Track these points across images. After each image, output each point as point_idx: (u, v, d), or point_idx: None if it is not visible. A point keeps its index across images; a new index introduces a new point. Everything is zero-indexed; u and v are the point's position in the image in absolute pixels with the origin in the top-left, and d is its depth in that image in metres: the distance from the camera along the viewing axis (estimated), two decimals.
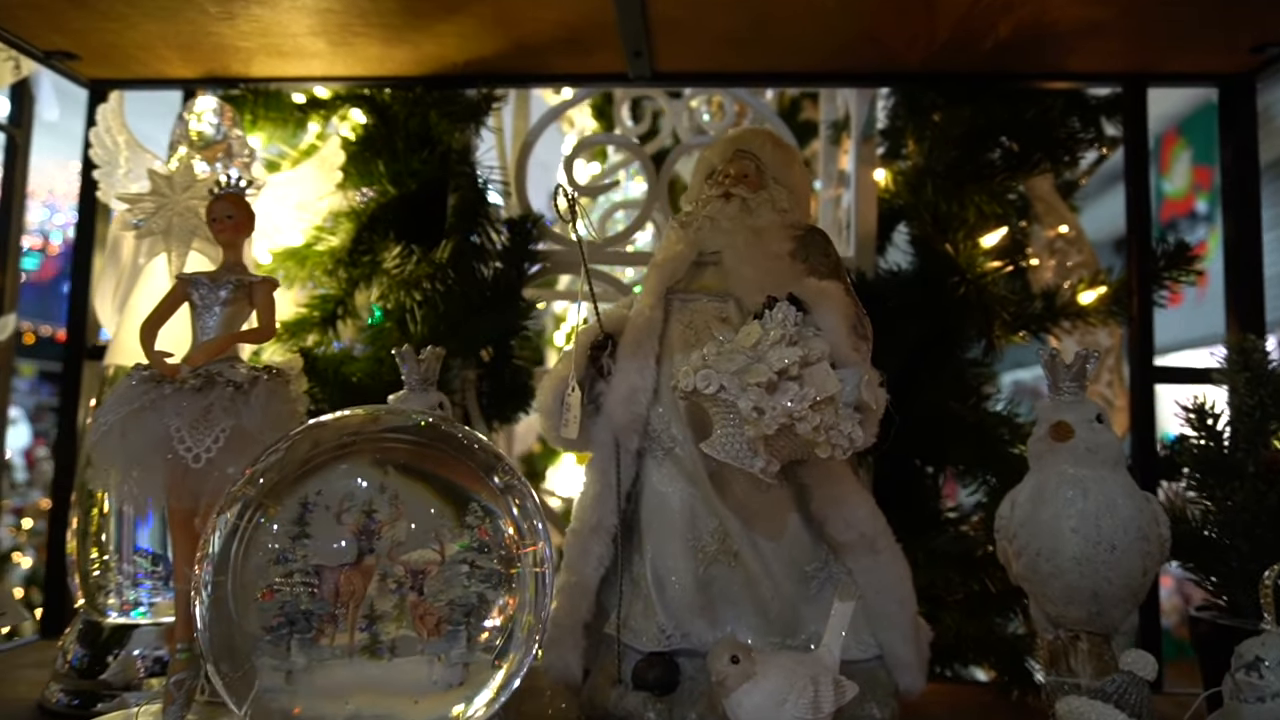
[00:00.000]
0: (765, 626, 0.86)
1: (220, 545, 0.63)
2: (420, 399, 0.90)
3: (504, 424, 1.31)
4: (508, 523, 0.66)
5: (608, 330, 0.89)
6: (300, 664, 0.63)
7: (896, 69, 1.19)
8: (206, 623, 0.62)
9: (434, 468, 0.67)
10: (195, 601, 0.63)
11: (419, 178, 1.26)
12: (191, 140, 1.03)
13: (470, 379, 1.26)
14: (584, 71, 1.17)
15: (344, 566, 0.64)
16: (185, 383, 0.75)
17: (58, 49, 1.15)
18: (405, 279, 1.17)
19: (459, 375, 1.24)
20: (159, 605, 0.95)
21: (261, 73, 1.20)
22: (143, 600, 0.93)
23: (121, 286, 1.00)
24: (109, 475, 0.75)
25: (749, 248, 0.84)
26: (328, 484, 0.65)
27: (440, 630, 0.65)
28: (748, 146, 0.91)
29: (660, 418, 0.87)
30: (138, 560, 0.91)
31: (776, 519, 0.86)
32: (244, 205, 0.84)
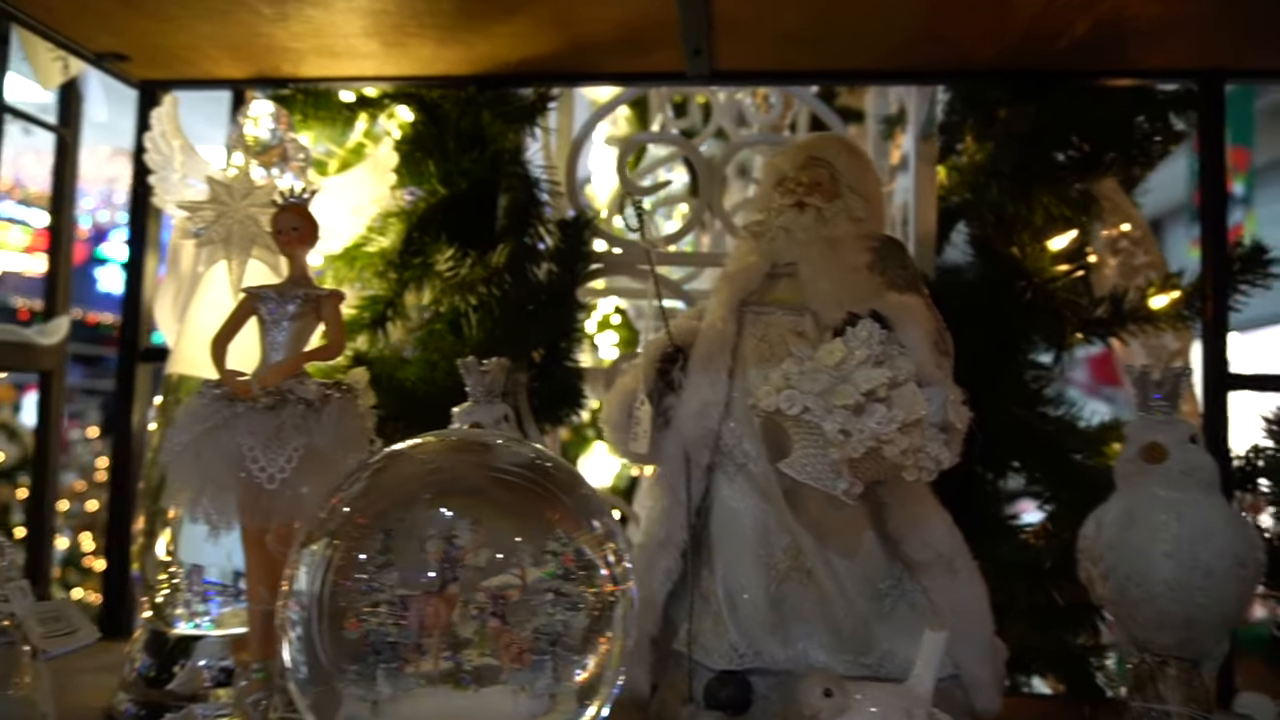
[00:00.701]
0: (838, 645, 0.84)
1: (307, 578, 0.62)
2: (485, 411, 0.89)
3: (555, 426, 1.30)
4: (595, 552, 0.64)
5: (677, 342, 0.87)
6: (386, 694, 0.62)
7: (961, 66, 1.15)
8: (297, 661, 0.61)
9: (516, 494, 0.66)
10: (284, 640, 0.62)
11: (469, 178, 1.25)
12: (247, 145, 1.02)
13: (522, 381, 1.25)
14: (641, 70, 1.14)
15: (428, 595, 0.63)
16: (257, 401, 0.74)
17: (109, 50, 1.13)
18: (460, 282, 1.15)
19: (511, 378, 1.23)
20: (223, 616, 0.95)
21: (312, 73, 1.18)
22: (211, 612, 0.92)
23: (181, 295, 1.00)
24: (182, 494, 0.75)
25: (825, 260, 0.82)
26: (410, 512, 0.64)
27: (525, 660, 0.64)
28: (821, 153, 0.88)
29: (732, 432, 0.85)
30: (208, 581, 0.91)
31: (851, 536, 0.84)
32: (309, 216, 0.83)
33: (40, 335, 1.24)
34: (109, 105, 1.45)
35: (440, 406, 1.12)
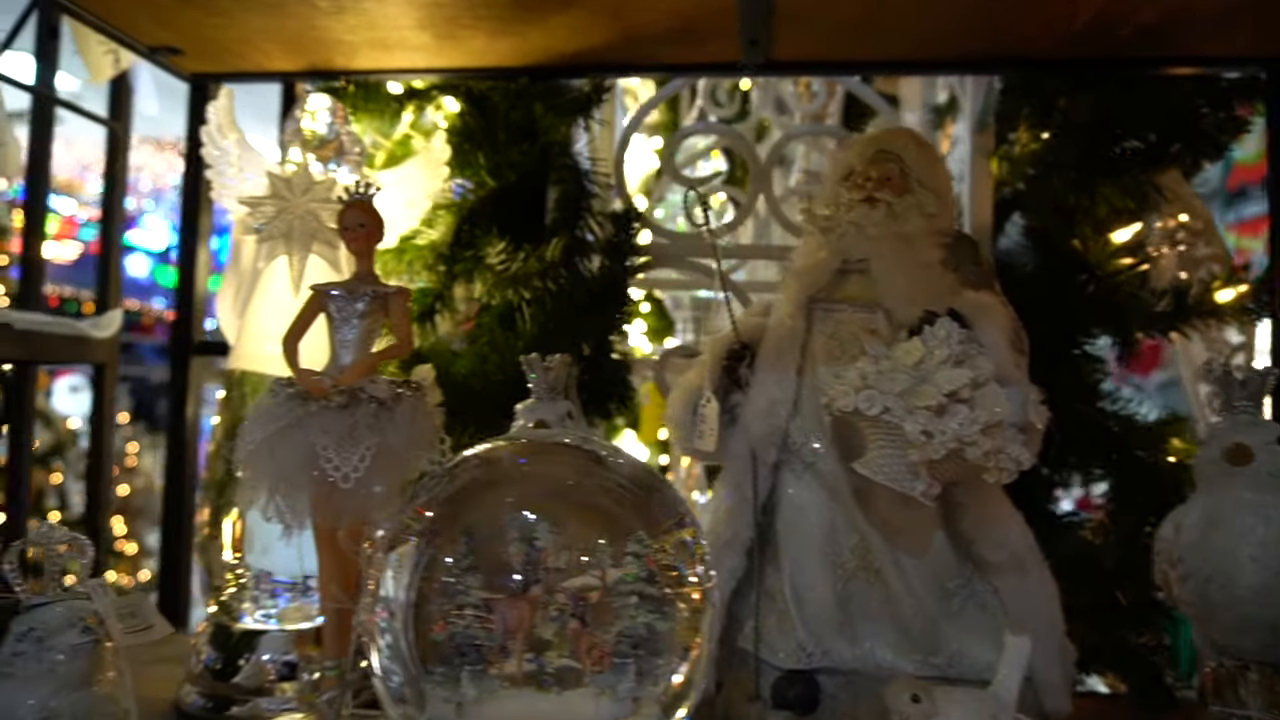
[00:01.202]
0: (905, 645, 0.84)
1: (394, 583, 0.62)
2: (549, 408, 0.88)
3: (604, 420, 1.29)
4: (679, 555, 0.64)
5: (744, 339, 0.86)
6: (470, 695, 0.62)
7: (1022, 54, 1.13)
8: (389, 670, 0.61)
9: (597, 495, 0.66)
10: (372, 647, 0.62)
11: (517, 170, 1.24)
12: (305, 139, 1.01)
13: (573, 375, 1.24)
14: (694, 61, 1.13)
15: (511, 597, 0.63)
16: (331, 400, 0.74)
17: (163, 44, 1.13)
18: (514, 275, 1.15)
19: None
20: (286, 611, 0.96)
21: (363, 65, 1.18)
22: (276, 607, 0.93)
23: (242, 290, 1.00)
24: (255, 493, 0.75)
25: (898, 256, 0.81)
26: (491, 514, 0.64)
27: (607, 663, 0.63)
28: (890, 147, 0.87)
29: (800, 430, 0.84)
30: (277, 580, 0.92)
31: (920, 535, 0.83)
32: (375, 213, 0.83)
33: (94, 328, 1.25)
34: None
35: (492, 400, 1.12)
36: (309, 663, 0.95)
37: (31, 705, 0.64)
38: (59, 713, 0.65)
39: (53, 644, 0.66)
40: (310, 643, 0.95)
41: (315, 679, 0.94)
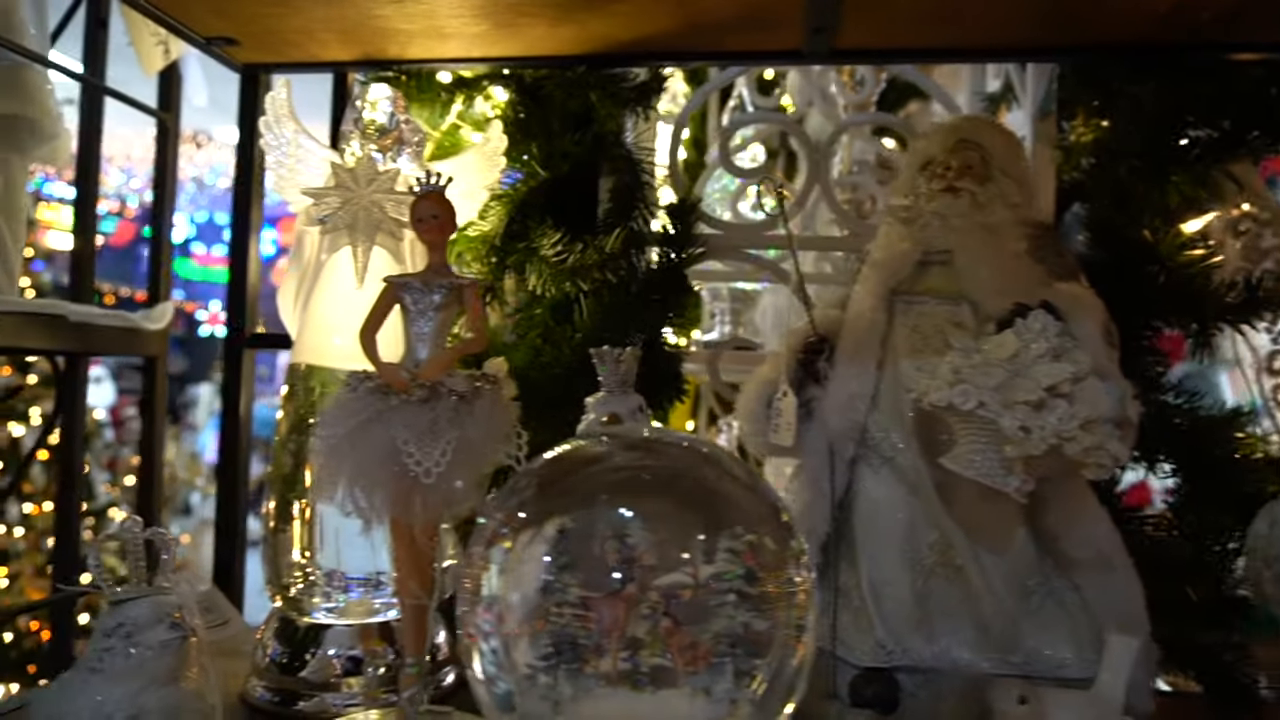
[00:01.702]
0: (984, 643, 0.82)
1: (499, 582, 0.61)
2: (621, 402, 0.87)
3: (657, 412, 1.28)
4: (778, 552, 0.63)
5: (821, 332, 0.84)
6: (567, 694, 0.61)
7: (1089, 42, 1.10)
8: (492, 675, 0.60)
9: (692, 491, 0.64)
10: (474, 650, 0.62)
11: (570, 160, 1.23)
12: (365, 129, 1.00)
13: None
14: (757, 49, 1.11)
15: (607, 595, 0.62)
16: (411, 394, 0.73)
17: (219, 35, 1.12)
18: (571, 267, 1.13)
19: None
20: (349, 606, 0.95)
21: (419, 55, 1.16)
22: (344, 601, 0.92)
23: (305, 283, 0.99)
24: (333, 487, 0.74)
25: (984, 247, 0.79)
26: (586, 511, 0.63)
27: (702, 662, 0.62)
28: (971, 136, 0.85)
29: (879, 425, 0.83)
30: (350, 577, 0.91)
31: (1003, 532, 0.81)
32: (448, 204, 0.82)
33: (146, 320, 1.24)
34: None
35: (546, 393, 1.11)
36: (374, 657, 0.94)
37: (121, 701, 0.64)
38: (148, 709, 0.64)
39: (141, 639, 0.65)
40: (375, 637, 0.95)
41: (380, 674, 0.94)
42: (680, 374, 1.23)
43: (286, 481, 0.92)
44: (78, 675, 0.66)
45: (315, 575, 0.92)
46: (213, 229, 8.02)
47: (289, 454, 0.92)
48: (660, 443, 0.67)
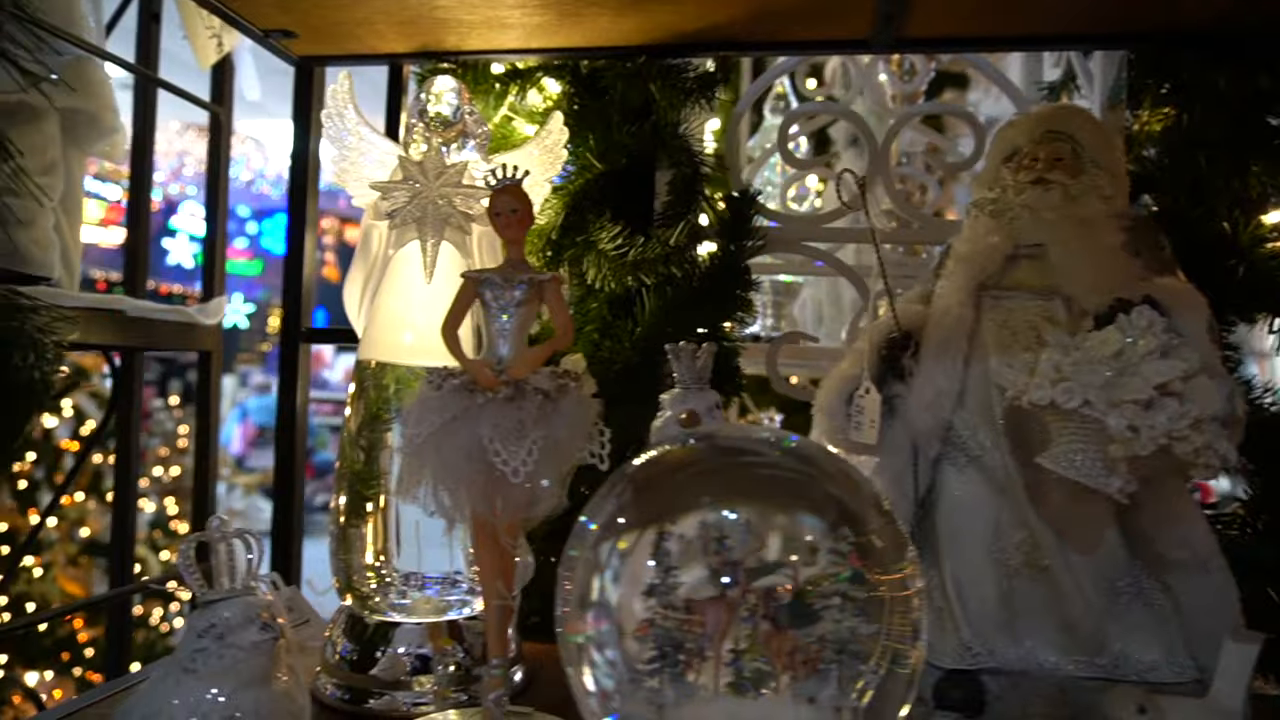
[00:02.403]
0: (1070, 645, 0.81)
1: (600, 585, 0.60)
2: (698, 398, 0.86)
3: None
4: (886, 553, 0.61)
5: (904, 328, 0.83)
6: (670, 698, 0.60)
7: (1160, 28, 1.08)
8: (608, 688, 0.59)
9: (793, 493, 0.63)
10: (583, 661, 0.60)
11: (626, 152, 1.21)
12: (429, 122, 0.99)
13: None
14: (823, 38, 1.08)
15: (709, 599, 0.61)
16: (498, 392, 0.72)
17: (278, 27, 1.11)
18: (633, 261, 1.12)
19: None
20: (415, 604, 0.94)
21: (477, 45, 1.15)
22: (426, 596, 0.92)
23: (372, 278, 0.98)
24: (418, 485, 0.73)
25: (1079, 240, 0.77)
26: (687, 513, 0.61)
27: (805, 667, 0.61)
28: (1061, 126, 0.83)
29: (965, 422, 0.81)
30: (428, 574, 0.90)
31: (1092, 532, 0.80)
32: (525, 197, 0.80)
33: (202, 315, 1.24)
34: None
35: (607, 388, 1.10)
36: (443, 656, 0.93)
37: (217, 702, 0.63)
38: (243, 710, 0.64)
39: (234, 640, 0.65)
40: (444, 636, 0.94)
41: (450, 673, 0.93)
42: (738, 369, 1.22)
43: (360, 478, 0.91)
44: (170, 674, 0.65)
45: (390, 574, 0.91)
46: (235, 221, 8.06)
47: (360, 450, 0.92)
48: (758, 442, 0.66)
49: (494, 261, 0.97)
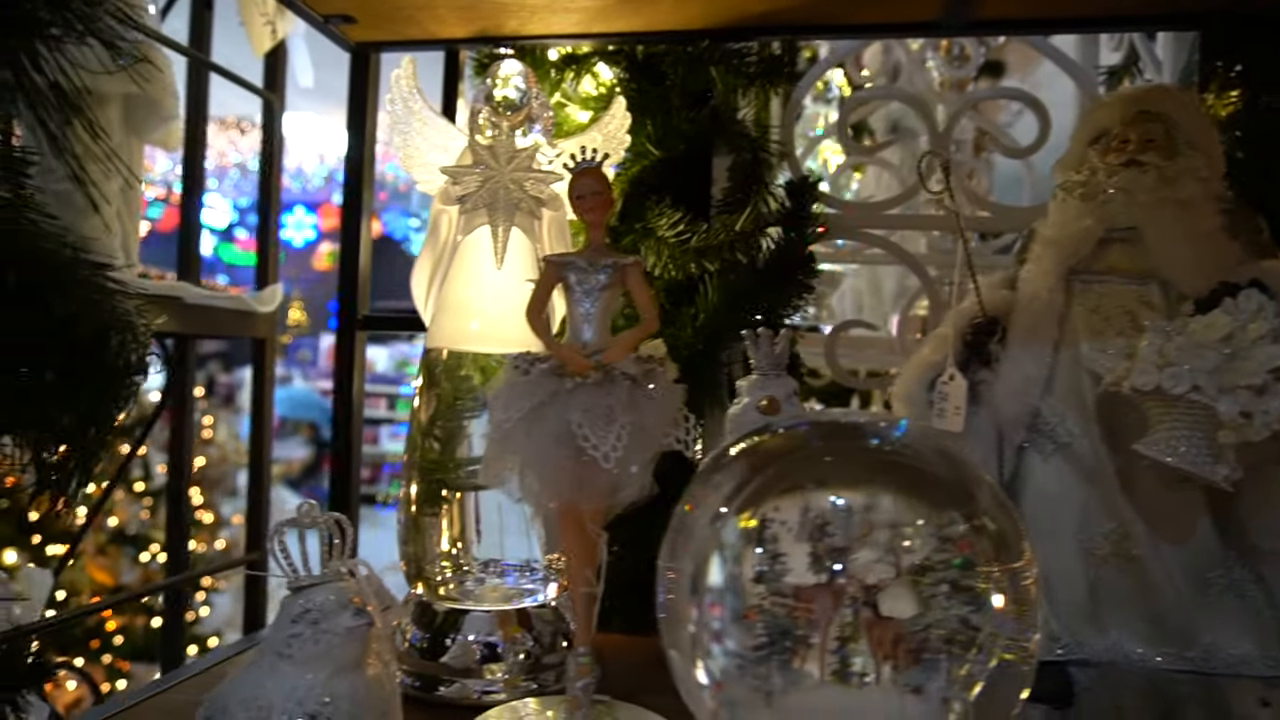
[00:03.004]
0: (1158, 636, 0.79)
1: (722, 575, 0.59)
2: (777, 385, 0.85)
3: None
4: (999, 540, 0.60)
5: (990, 313, 0.81)
6: (778, 686, 0.59)
7: (1239, 8, 1.05)
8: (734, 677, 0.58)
9: (900, 477, 0.61)
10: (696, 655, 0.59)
11: (684, 138, 1.20)
12: (496, 106, 0.98)
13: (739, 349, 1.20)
14: (893, 21, 1.07)
15: (814, 586, 0.59)
16: (587, 377, 0.71)
17: (338, 12, 1.11)
18: (696, 247, 1.11)
19: (731, 346, 1.19)
20: (483, 592, 0.94)
21: (538, 30, 1.14)
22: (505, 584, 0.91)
23: (441, 265, 0.97)
24: (506, 471, 0.72)
25: (1177, 224, 0.75)
26: (794, 498, 0.60)
27: (910, 657, 0.60)
28: (1154, 107, 0.81)
29: (1052, 409, 0.80)
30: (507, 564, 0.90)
31: (1184, 521, 0.78)
32: (606, 179, 0.79)
33: (257, 302, 1.24)
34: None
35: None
36: (513, 644, 0.93)
37: (313, 687, 0.63)
38: (338, 695, 0.63)
39: (328, 626, 0.64)
40: (513, 624, 0.93)
41: (520, 661, 0.93)
42: (797, 355, 1.21)
43: (436, 466, 0.91)
44: (265, 660, 0.65)
45: (468, 562, 0.90)
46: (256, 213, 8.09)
47: (434, 439, 0.91)
48: (866, 426, 0.64)
49: (563, 246, 0.96)
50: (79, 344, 0.60)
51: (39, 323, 0.57)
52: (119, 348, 0.63)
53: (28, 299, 0.58)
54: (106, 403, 0.61)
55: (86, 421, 0.60)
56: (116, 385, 0.61)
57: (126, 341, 0.63)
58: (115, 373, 0.61)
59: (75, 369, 0.60)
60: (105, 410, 0.61)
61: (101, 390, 0.60)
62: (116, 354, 0.62)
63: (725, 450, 0.64)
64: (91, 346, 0.61)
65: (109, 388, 0.61)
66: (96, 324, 0.61)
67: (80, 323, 0.60)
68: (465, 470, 0.89)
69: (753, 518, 0.60)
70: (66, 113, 0.66)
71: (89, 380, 0.59)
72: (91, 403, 0.60)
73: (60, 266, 0.62)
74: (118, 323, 0.64)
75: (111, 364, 0.62)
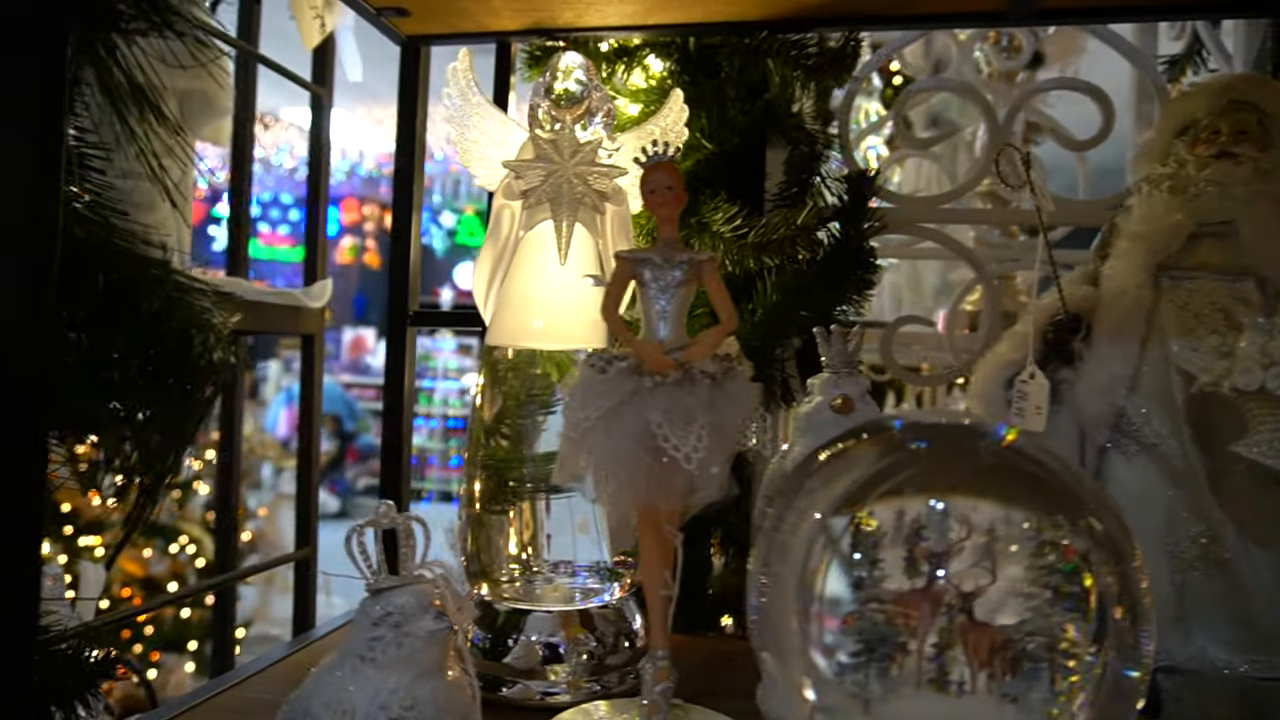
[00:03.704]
0: (1245, 642, 0.77)
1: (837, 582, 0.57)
2: (851, 384, 0.83)
3: None
4: (1104, 548, 0.58)
5: (1073, 310, 0.79)
6: (876, 693, 0.58)
7: None
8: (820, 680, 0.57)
9: (999, 480, 0.60)
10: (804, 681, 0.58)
11: (738, 131, 1.18)
12: (556, 100, 0.96)
13: (793, 346, 1.19)
14: (955, 11, 1.04)
15: (911, 591, 0.58)
16: (667, 376, 0.70)
17: (391, 5, 1.09)
18: (756, 242, 1.09)
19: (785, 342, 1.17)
20: (544, 592, 0.93)
21: (593, 22, 1.12)
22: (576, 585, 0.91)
23: (503, 262, 0.96)
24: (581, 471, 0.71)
25: (1275, 219, 0.73)
26: (890, 504, 0.59)
27: (1006, 666, 0.58)
28: (1245, 96, 0.78)
29: (1138, 409, 0.78)
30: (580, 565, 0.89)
31: (1278, 524, 0.76)
32: (680, 175, 0.78)
33: (308, 298, 1.23)
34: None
35: None
36: (576, 645, 0.92)
37: (397, 691, 0.62)
38: (421, 700, 0.62)
39: (410, 629, 0.63)
40: (575, 624, 0.92)
41: (584, 662, 0.92)
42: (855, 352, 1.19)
43: (505, 465, 0.90)
44: (346, 663, 0.64)
45: (538, 563, 0.89)
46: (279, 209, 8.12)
47: (502, 438, 0.90)
48: (964, 429, 0.63)
49: (625, 241, 0.95)
50: (167, 342, 0.59)
51: (132, 321, 0.56)
52: (202, 346, 0.62)
53: (119, 297, 0.57)
54: (194, 399, 0.60)
55: (176, 417, 0.59)
56: (203, 381, 0.61)
57: (208, 339, 0.62)
58: (201, 370, 0.61)
59: (165, 366, 0.59)
60: (192, 406, 0.61)
61: (190, 387, 0.59)
62: (200, 352, 0.62)
63: (816, 455, 0.62)
64: (178, 344, 0.60)
65: (196, 384, 0.60)
66: (181, 322, 0.60)
67: (166, 321, 0.59)
68: (536, 468, 0.88)
69: (850, 522, 0.59)
70: (144, 107, 0.66)
71: (179, 377, 0.59)
72: (180, 398, 0.59)
73: (141, 265, 0.61)
74: (197, 320, 0.63)
75: (195, 362, 0.61)
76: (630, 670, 0.93)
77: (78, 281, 0.55)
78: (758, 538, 0.61)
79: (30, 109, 0.50)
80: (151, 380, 0.59)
